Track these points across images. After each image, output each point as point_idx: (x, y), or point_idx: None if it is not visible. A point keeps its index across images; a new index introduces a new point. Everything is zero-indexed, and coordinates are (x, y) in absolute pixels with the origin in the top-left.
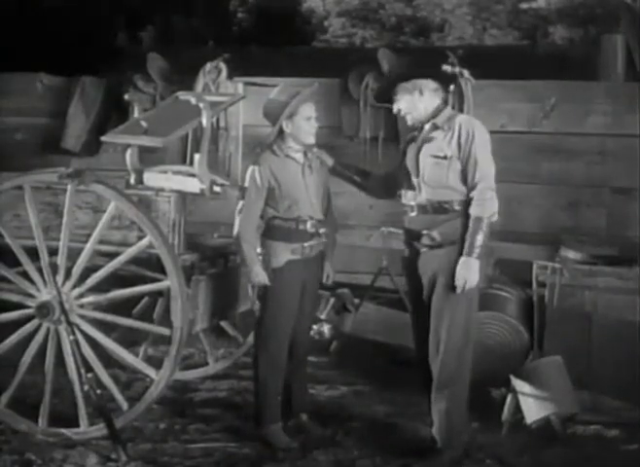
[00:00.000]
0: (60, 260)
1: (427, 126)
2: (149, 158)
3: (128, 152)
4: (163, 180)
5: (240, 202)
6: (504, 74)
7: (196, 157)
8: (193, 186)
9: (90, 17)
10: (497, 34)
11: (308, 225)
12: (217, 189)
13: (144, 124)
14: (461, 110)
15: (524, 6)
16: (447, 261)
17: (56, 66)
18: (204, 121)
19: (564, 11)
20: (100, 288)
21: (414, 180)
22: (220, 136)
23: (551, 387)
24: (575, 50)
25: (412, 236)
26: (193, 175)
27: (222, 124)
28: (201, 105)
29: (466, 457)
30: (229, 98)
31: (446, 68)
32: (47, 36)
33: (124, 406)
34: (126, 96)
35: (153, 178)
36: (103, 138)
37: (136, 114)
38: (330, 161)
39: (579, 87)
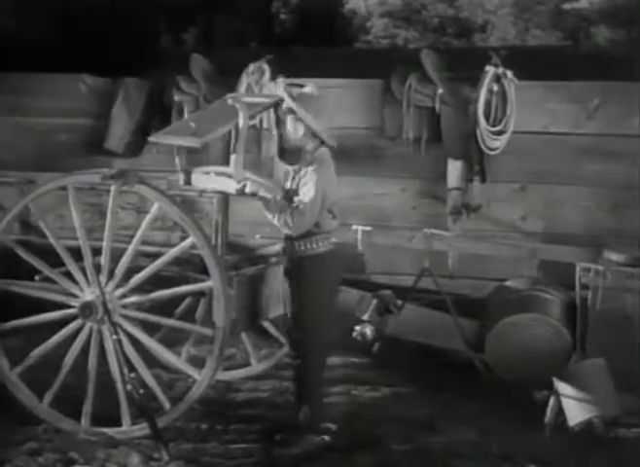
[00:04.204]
0: (104, 260)
1: None
2: (195, 158)
3: (177, 153)
4: (206, 181)
5: None
6: (547, 75)
7: (232, 157)
8: (233, 187)
9: (134, 19)
10: (539, 35)
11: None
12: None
13: (193, 125)
14: (504, 111)
15: (567, 6)
16: None
17: (100, 67)
18: (241, 122)
19: (607, 11)
20: (143, 288)
21: None
22: (263, 137)
23: (594, 390)
24: (618, 50)
25: None
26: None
27: (265, 125)
28: (237, 106)
29: (507, 460)
30: (268, 99)
31: (490, 69)
32: (91, 37)
33: (167, 405)
34: (176, 97)
35: (196, 179)
36: (150, 139)
37: (186, 115)
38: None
39: (622, 87)
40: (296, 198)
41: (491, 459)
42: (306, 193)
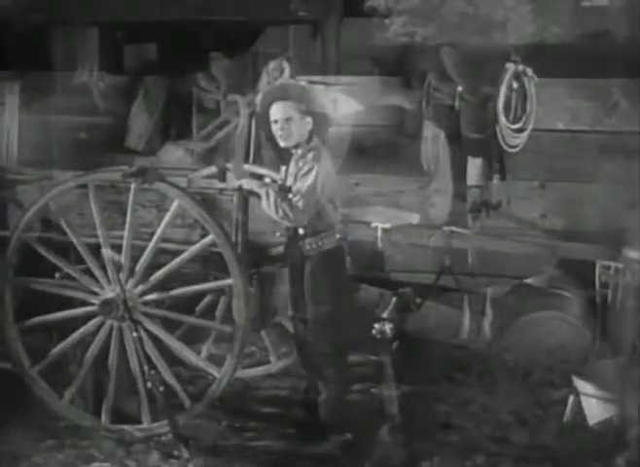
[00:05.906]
0: (124, 258)
1: None
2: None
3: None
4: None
5: None
6: (566, 72)
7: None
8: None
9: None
10: (559, 32)
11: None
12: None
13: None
14: (524, 108)
15: (586, 4)
16: None
17: (120, 66)
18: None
19: (626, 9)
20: (163, 286)
21: None
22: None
23: (614, 388)
24: (637, 48)
25: None
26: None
27: None
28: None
29: (525, 459)
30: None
31: (509, 66)
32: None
33: (187, 403)
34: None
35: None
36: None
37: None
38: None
39: None
40: (294, 187)
41: (509, 458)
42: (305, 180)
